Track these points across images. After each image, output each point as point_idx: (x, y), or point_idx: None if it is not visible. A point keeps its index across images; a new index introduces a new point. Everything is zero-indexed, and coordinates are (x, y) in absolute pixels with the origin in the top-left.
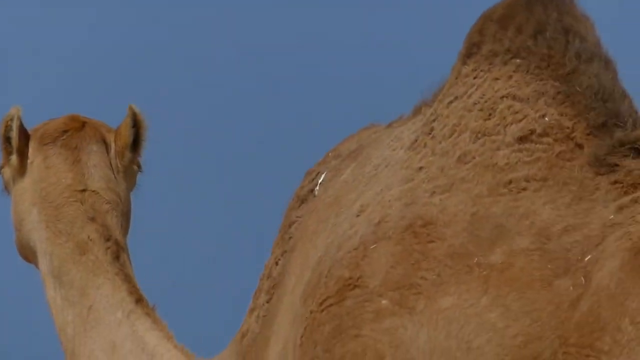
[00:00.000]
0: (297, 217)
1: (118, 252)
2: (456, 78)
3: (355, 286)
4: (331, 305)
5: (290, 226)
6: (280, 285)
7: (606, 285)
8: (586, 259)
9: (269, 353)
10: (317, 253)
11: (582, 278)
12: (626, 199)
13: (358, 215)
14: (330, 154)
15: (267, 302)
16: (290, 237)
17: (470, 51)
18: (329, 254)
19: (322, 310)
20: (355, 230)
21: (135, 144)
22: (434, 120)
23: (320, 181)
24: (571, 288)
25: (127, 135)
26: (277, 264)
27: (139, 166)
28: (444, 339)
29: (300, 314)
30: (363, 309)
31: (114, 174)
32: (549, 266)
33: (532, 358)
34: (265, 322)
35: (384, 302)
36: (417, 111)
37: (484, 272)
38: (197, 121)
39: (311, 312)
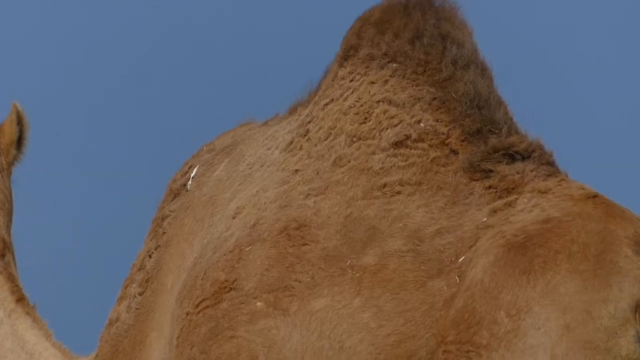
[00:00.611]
0: (170, 211)
1: (4, 251)
2: (333, 80)
3: (231, 288)
4: (207, 307)
5: (163, 220)
6: (156, 281)
7: (480, 279)
8: (460, 259)
9: (153, 348)
10: (193, 254)
11: (457, 277)
12: (500, 203)
13: (234, 217)
14: (204, 148)
15: (140, 294)
16: (164, 232)
17: (347, 54)
18: (205, 256)
19: (198, 312)
20: (231, 233)
21: (19, 141)
22: (309, 122)
23: (192, 175)
24: (445, 287)
25: (12, 132)
26: (150, 256)
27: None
28: (317, 339)
29: (176, 314)
30: (238, 311)
31: None
32: (422, 267)
33: (406, 357)
34: (139, 315)
35: (258, 304)
36: (292, 111)
37: (357, 274)
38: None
39: (187, 313)
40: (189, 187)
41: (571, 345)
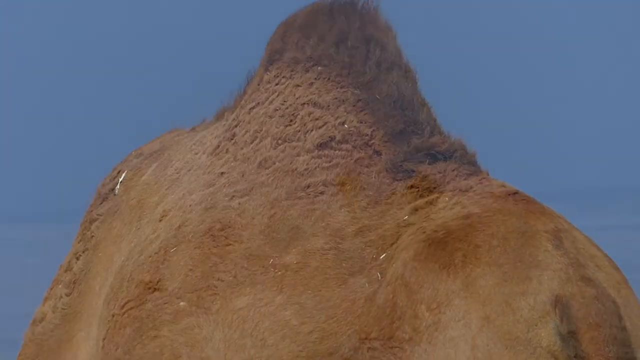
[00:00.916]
0: (99, 214)
1: None
2: (258, 84)
3: (155, 289)
4: (132, 308)
5: (91, 223)
6: (84, 283)
7: (400, 274)
8: (381, 257)
9: (80, 349)
10: (121, 257)
11: (378, 274)
12: (421, 202)
13: (160, 220)
14: (133, 153)
15: (67, 295)
16: (92, 236)
17: (272, 58)
18: (132, 259)
19: (124, 314)
20: (157, 235)
21: None
22: (236, 126)
23: (121, 180)
24: (367, 284)
25: None
26: (77, 259)
27: None
28: (239, 337)
29: (104, 316)
30: (162, 311)
31: None
32: (344, 265)
33: (328, 353)
34: (66, 316)
35: (182, 303)
36: (219, 116)
37: (279, 273)
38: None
39: (113, 315)
40: (117, 191)
41: (491, 336)
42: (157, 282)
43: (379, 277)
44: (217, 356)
